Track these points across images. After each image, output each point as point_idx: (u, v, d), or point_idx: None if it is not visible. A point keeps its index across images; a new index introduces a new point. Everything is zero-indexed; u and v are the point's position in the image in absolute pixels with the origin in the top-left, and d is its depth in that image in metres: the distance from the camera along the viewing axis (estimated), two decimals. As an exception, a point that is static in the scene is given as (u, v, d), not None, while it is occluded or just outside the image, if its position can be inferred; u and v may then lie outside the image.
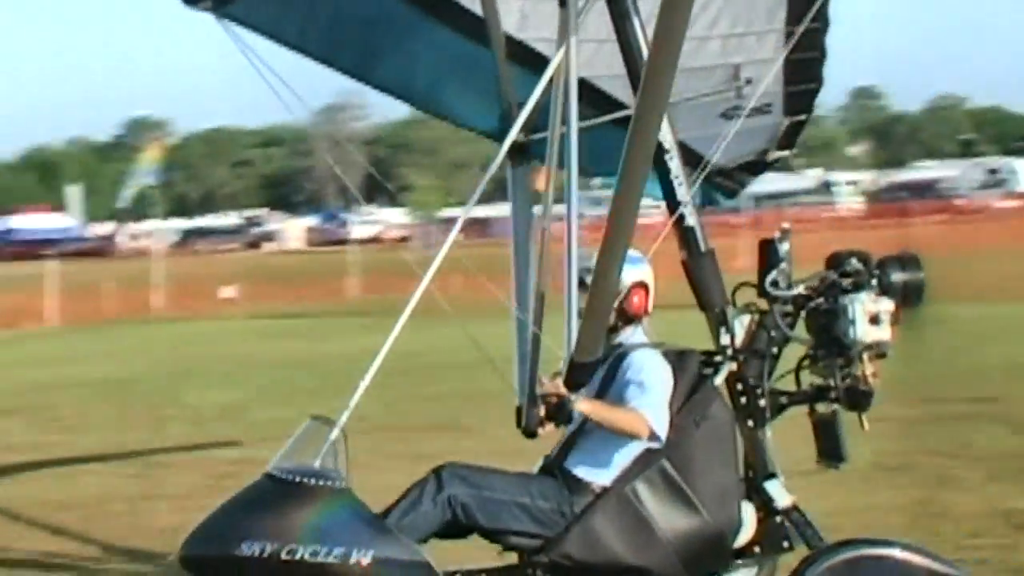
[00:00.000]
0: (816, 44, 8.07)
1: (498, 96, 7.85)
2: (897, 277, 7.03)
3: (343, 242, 72.20)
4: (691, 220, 7.15)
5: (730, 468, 6.96)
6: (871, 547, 6.86)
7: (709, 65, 8.20)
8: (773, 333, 7.06)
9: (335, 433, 6.66)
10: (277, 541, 6.37)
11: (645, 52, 6.83)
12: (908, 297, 7.06)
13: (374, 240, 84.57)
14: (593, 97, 8.20)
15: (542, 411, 6.91)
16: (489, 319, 8.38)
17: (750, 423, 7.07)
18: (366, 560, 6.35)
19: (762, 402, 7.06)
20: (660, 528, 6.75)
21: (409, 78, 8.61)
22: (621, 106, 8.12)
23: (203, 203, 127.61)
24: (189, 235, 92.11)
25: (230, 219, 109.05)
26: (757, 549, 7.02)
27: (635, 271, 7.06)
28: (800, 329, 7.13)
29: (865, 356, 6.87)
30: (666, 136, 7.04)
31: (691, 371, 7.05)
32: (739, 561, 7.04)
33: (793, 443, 7.41)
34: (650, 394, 6.80)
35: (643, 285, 7.09)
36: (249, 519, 6.54)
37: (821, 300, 7.00)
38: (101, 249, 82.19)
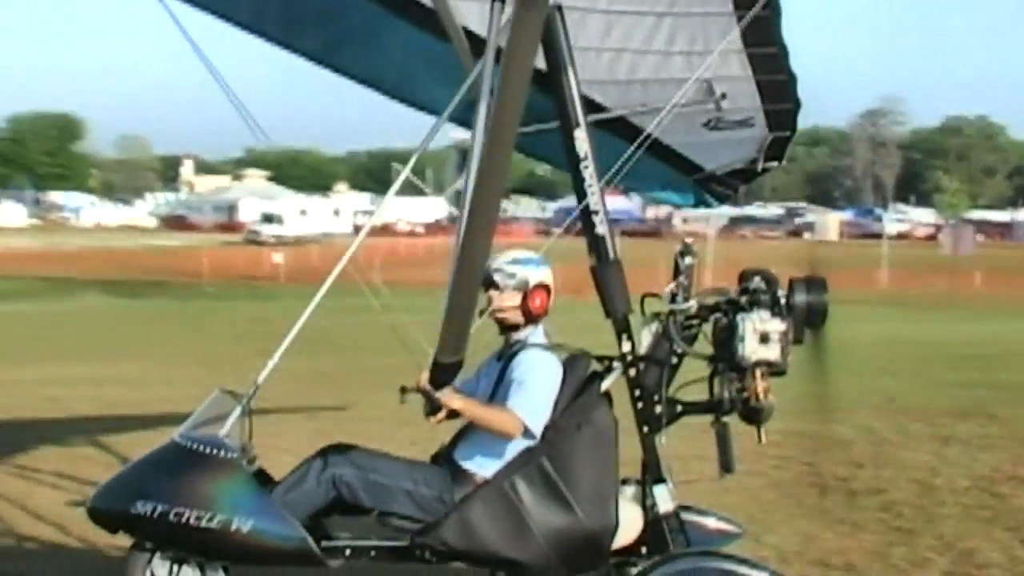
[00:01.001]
0: (780, 68, 7.70)
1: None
2: (801, 299, 6.72)
3: (875, 236, 71.64)
4: (601, 228, 6.83)
5: (608, 471, 6.67)
6: (713, 560, 6.56)
7: (678, 78, 7.81)
8: (674, 344, 6.80)
9: (239, 407, 6.78)
10: (168, 503, 6.47)
11: (568, 64, 6.81)
12: (811, 319, 6.77)
13: (902, 236, 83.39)
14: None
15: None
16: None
17: (645, 428, 6.77)
18: (245, 528, 6.44)
19: (658, 409, 6.78)
20: (535, 523, 6.54)
21: (375, 67, 8.21)
22: (601, 109, 8.02)
23: (749, 193, 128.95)
24: (736, 222, 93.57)
25: (773, 209, 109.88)
26: (644, 549, 6.78)
27: (539, 272, 6.92)
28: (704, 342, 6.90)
29: (757, 373, 6.60)
30: (582, 146, 6.84)
31: (579, 375, 6.86)
32: (628, 559, 6.82)
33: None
34: (528, 393, 6.64)
35: (545, 287, 6.90)
36: (148, 480, 6.66)
37: (721, 315, 6.78)
38: (656, 230, 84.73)
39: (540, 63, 6.94)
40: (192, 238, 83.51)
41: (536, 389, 6.65)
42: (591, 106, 7.70)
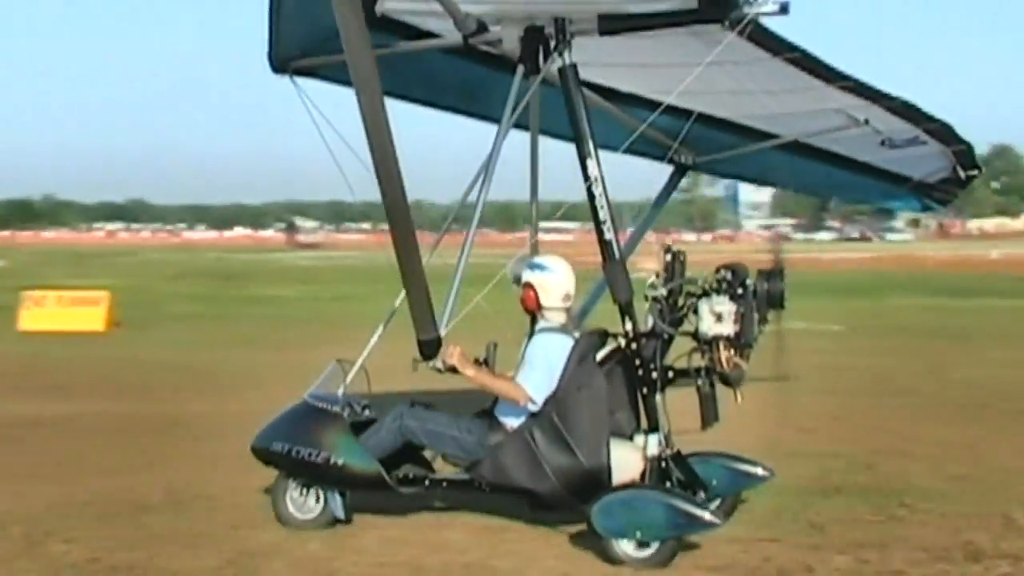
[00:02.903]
0: (877, 93, 8.12)
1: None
2: (762, 286, 7.51)
3: None
4: (608, 235, 7.60)
5: (601, 423, 7.52)
6: (654, 494, 7.32)
7: (811, 110, 8.58)
8: (664, 323, 7.67)
9: (352, 373, 8.17)
10: (292, 443, 7.97)
11: (584, 115, 7.62)
12: (772, 302, 7.55)
13: None
14: (739, 131, 9.42)
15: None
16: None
17: (644, 390, 7.62)
18: (340, 463, 7.83)
19: (654, 375, 7.58)
20: (547, 463, 7.48)
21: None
22: (767, 136, 9.38)
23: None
24: None
25: None
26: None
27: (526, 273, 7.92)
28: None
29: (720, 345, 7.37)
30: (593, 170, 7.61)
31: (583, 349, 7.71)
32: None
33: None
34: (530, 368, 7.68)
35: (528, 285, 7.87)
36: (283, 426, 8.18)
37: (695, 300, 7.59)
38: None
39: (697, 106, 8.63)
40: None
41: (536, 365, 7.70)
42: (753, 133, 9.44)
